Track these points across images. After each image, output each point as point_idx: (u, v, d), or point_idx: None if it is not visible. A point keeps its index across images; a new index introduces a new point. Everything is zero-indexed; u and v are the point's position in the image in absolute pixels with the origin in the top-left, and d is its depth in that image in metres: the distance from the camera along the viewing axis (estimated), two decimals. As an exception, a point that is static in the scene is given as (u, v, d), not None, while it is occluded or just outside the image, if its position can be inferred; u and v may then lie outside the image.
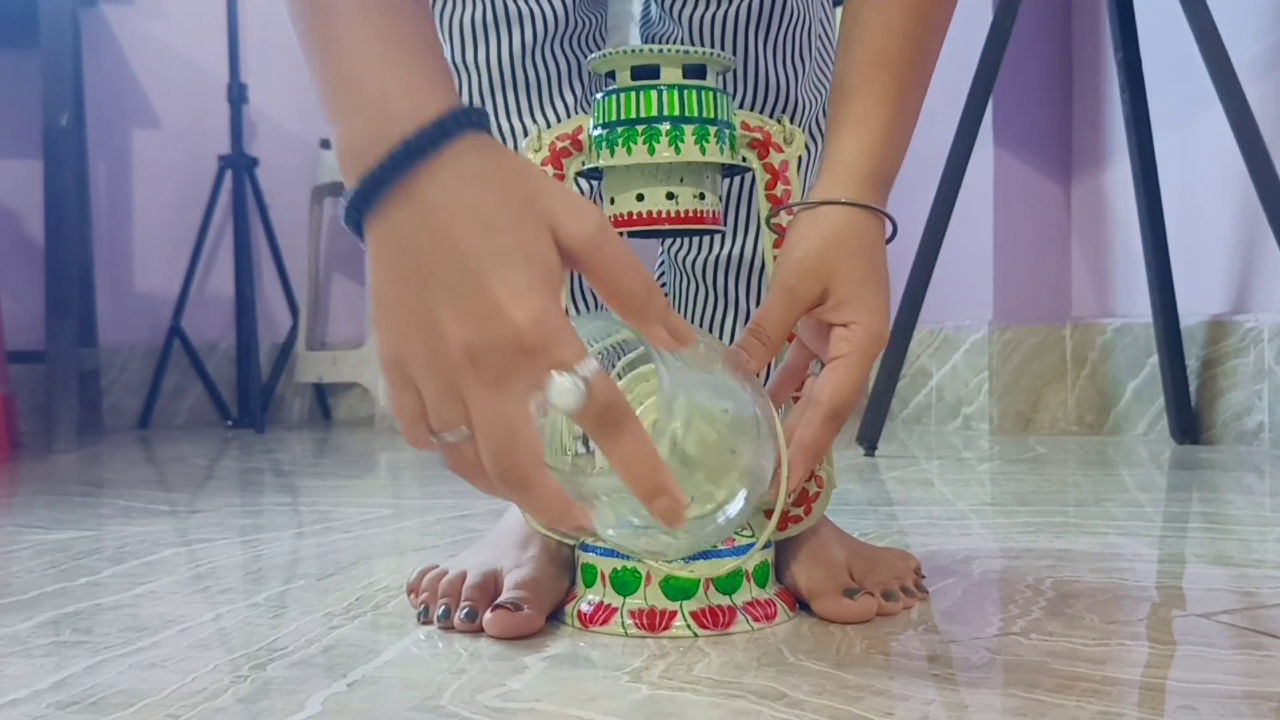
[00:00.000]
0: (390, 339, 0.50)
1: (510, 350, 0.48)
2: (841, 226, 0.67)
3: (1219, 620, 0.71)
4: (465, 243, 0.48)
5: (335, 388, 2.81)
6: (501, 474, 0.50)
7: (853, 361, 0.66)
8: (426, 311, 0.49)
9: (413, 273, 0.49)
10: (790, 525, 0.76)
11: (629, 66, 0.70)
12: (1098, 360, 2.04)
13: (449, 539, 1.08)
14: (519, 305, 0.48)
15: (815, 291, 0.67)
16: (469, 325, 0.48)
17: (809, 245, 0.67)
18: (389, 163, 0.49)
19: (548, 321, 0.48)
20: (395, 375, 0.51)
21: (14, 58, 2.54)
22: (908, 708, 0.56)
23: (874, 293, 0.67)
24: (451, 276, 0.48)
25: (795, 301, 0.67)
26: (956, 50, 2.08)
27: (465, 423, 0.50)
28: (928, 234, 1.75)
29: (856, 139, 0.69)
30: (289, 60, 2.77)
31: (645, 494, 0.51)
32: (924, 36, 0.69)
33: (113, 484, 1.59)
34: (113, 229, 2.69)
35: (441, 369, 0.49)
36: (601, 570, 0.72)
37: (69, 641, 0.72)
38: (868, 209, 0.68)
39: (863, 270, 0.67)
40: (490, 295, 0.48)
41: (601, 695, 0.59)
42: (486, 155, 0.50)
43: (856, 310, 0.67)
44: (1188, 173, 1.88)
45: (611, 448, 0.50)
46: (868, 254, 0.68)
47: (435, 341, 0.49)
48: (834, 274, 0.67)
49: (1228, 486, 1.33)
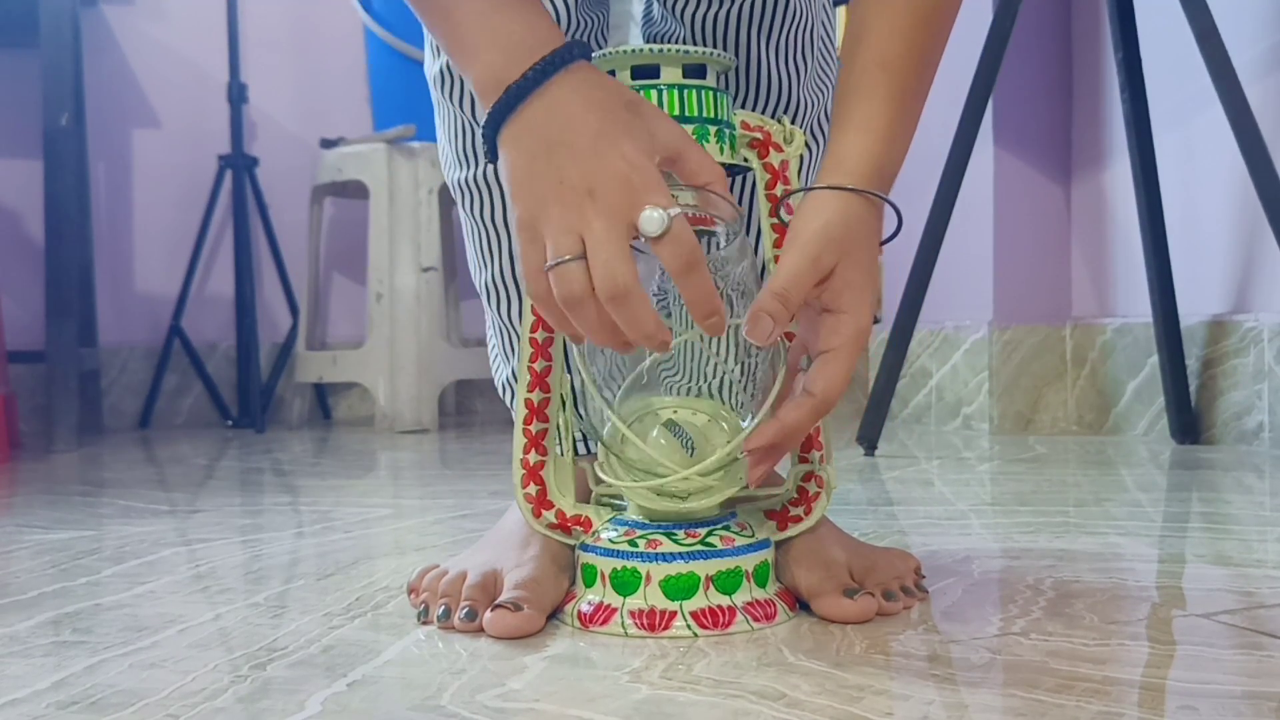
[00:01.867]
0: (524, 205, 0.63)
1: (620, 185, 0.61)
2: (854, 211, 0.69)
3: (1219, 620, 0.71)
4: (586, 123, 0.62)
5: (335, 388, 2.81)
6: (608, 287, 0.61)
7: (843, 355, 0.68)
8: (555, 171, 0.62)
9: (544, 150, 0.63)
10: (790, 525, 0.76)
11: (629, 66, 0.71)
12: (1098, 360, 2.04)
13: (449, 539, 1.08)
14: (629, 157, 0.62)
15: (833, 262, 0.68)
16: (590, 170, 0.62)
17: (830, 217, 0.68)
18: (527, 79, 0.63)
19: (649, 171, 0.62)
20: (526, 234, 0.63)
21: (14, 58, 2.54)
22: (908, 708, 0.56)
23: (869, 285, 0.69)
24: (577, 144, 0.62)
25: (818, 268, 0.67)
26: (956, 50, 2.08)
27: (581, 250, 0.61)
28: (928, 234, 1.75)
29: (860, 138, 0.70)
30: (289, 60, 2.77)
31: (702, 314, 0.62)
32: (927, 41, 0.72)
33: (113, 484, 1.59)
34: (113, 229, 2.69)
35: (565, 209, 0.62)
36: (601, 570, 0.72)
37: (69, 641, 0.72)
38: (876, 199, 0.70)
39: (868, 259, 0.69)
40: (607, 152, 0.62)
41: (601, 695, 0.59)
42: (595, 74, 0.65)
43: (852, 299, 0.68)
44: (1188, 173, 1.88)
45: (682, 279, 0.62)
46: (870, 244, 0.70)
47: (561, 190, 0.62)
48: (849, 252, 0.68)
49: (1228, 486, 1.33)
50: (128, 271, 2.70)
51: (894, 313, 1.82)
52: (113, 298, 2.68)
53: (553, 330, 0.76)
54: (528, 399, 0.76)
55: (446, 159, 0.89)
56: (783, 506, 0.77)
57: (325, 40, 2.78)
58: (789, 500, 0.77)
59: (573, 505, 0.77)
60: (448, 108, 0.86)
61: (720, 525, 0.73)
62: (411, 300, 2.42)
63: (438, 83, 0.86)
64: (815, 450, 0.77)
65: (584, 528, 0.76)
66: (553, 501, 0.77)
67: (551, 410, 0.77)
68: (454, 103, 0.85)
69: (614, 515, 0.75)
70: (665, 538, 0.72)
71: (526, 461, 0.77)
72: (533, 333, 0.76)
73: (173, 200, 2.70)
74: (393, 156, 2.42)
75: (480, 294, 0.90)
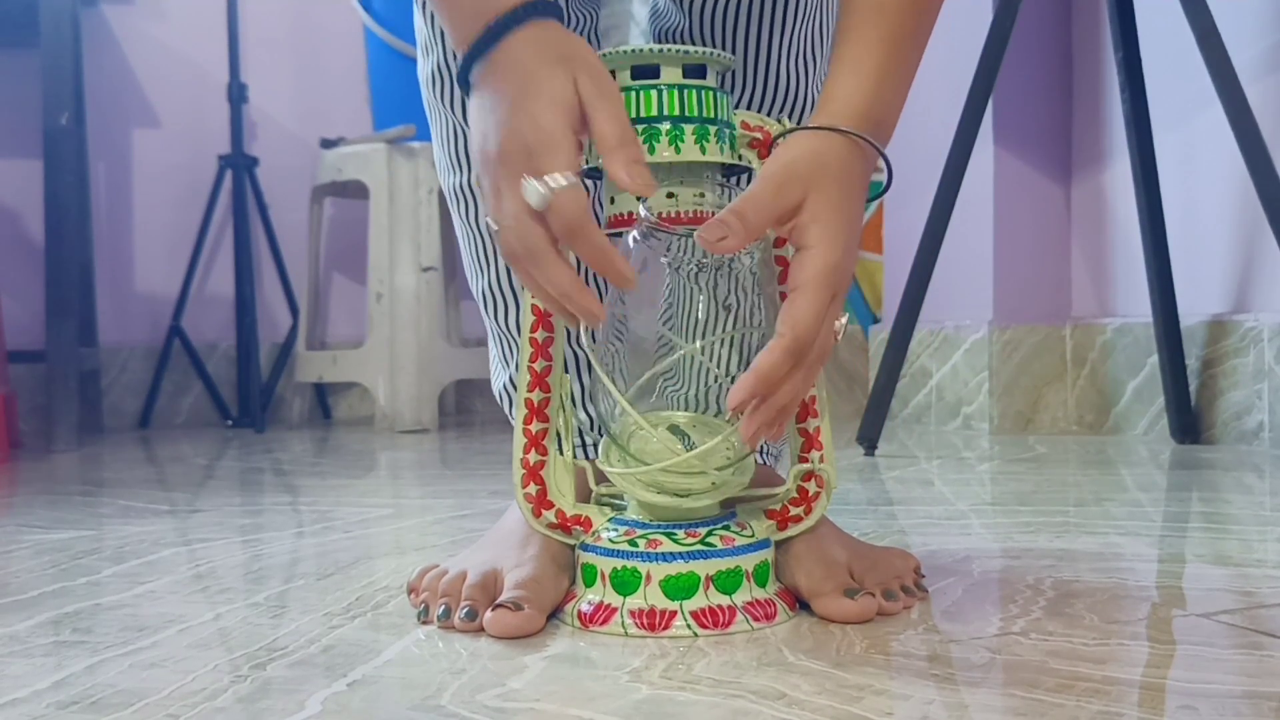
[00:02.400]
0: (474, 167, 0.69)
1: (520, 152, 0.64)
2: (829, 149, 0.68)
3: (1219, 620, 0.71)
4: (516, 84, 0.65)
5: (335, 388, 2.81)
6: (521, 252, 0.64)
7: (809, 291, 0.65)
8: (482, 136, 0.66)
9: (482, 111, 0.67)
10: (790, 525, 0.76)
11: (629, 66, 0.71)
12: (1098, 360, 2.04)
13: (449, 539, 1.08)
14: (535, 121, 0.63)
15: (797, 195, 0.67)
16: (504, 135, 0.64)
17: (798, 153, 0.68)
18: (486, 35, 0.66)
19: (551, 135, 0.63)
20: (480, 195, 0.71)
21: (14, 58, 2.54)
22: (908, 708, 0.56)
23: (841, 223, 0.67)
24: (500, 107, 0.65)
25: (780, 196, 0.67)
26: (956, 50, 2.09)
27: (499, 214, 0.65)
28: (928, 234, 1.75)
29: (849, 78, 0.70)
30: (289, 60, 2.77)
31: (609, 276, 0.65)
32: None
33: (113, 484, 1.59)
34: (113, 229, 2.69)
35: (487, 174, 0.66)
36: (601, 570, 0.72)
37: (69, 641, 0.72)
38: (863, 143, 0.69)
39: (838, 195, 0.68)
40: (519, 116, 0.64)
41: (601, 695, 0.59)
42: (546, 31, 0.66)
43: (819, 235, 0.66)
44: (1188, 173, 1.88)
45: (570, 244, 0.64)
46: (846, 182, 0.68)
47: (485, 155, 0.66)
48: (814, 186, 0.67)
49: (1228, 486, 1.33)
50: (128, 271, 2.70)
51: (894, 313, 1.82)
52: (113, 298, 2.68)
53: (553, 330, 0.76)
54: (528, 398, 0.76)
55: (440, 163, 0.89)
56: (783, 506, 0.77)
57: (325, 40, 2.78)
58: (789, 500, 0.77)
59: (573, 505, 0.77)
60: (440, 111, 0.86)
61: (720, 525, 0.73)
62: (411, 300, 2.42)
63: (430, 84, 0.86)
64: (815, 450, 0.77)
65: (584, 527, 0.76)
66: (553, 501, 0.77)
67: (551, 410, 0.77)
68: (445, 105, 0.85)
69: (614, 515, 0.75)
70: (665, 537, 0.72)
71: (526, 461, 0.77)
72: (533, 332, 0.76)
73: (173, 200, 2.70)
74: (393, 156, 2.42)
75: (477, 300, 0.90)
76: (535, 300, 0.74)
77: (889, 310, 2.36)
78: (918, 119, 2.31)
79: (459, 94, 0.84)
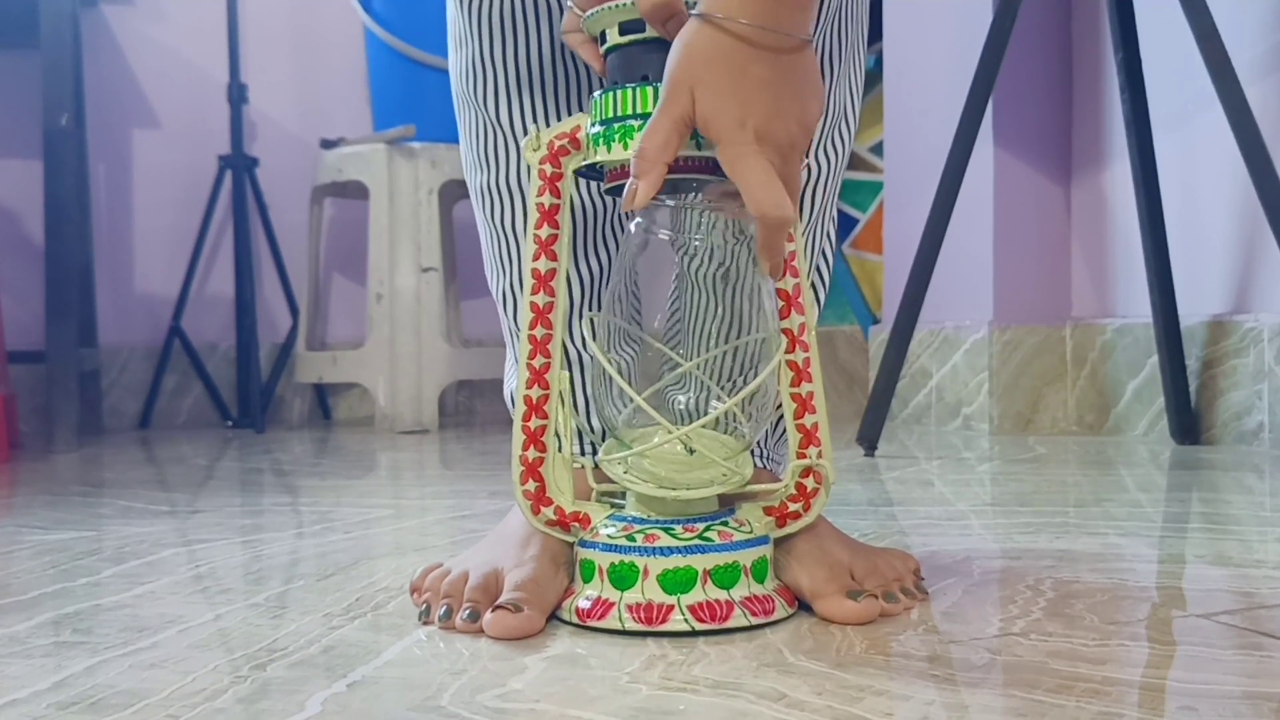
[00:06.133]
0: None
1: None
2: (705, 40, 0.66)
3: (1219, 620, 0.71)
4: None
5: (335, 388, 2.81)
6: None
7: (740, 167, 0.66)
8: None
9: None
10: (789, 522, 0.76)
11: (616, 23, 0.71)
12: (1098, 360, 2.04)
13: (449, 539, 1.08)
14: None
15: (684, 102, 0.66)
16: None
17: (673, 57, 0.67)
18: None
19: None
20: None
21: (14, 58, 2.54)
22: (908, 708, 0.56)
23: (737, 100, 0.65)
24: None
25: (671, 111, 0.66)
26: (956, 50, 2.09)
27: None
28: (928, 234, 1.75)
29: None
30: (289, 61, 2.77)
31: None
32: None
33: (113, 484, 1.59)
34: (113, 229, 2.69)
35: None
36: (599, 565, 0.72)
37: (69, 642, 0.72)
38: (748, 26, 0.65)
39: (731, 85, 0.65)
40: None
41: (601, 696, 0.59)
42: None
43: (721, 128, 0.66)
44: (1188, 173, 1.88)
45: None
46: (734, 70, 0.66)
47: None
48: (700, 81, 0.66)
49: (1228, 486, 1.33)
50: (128, 271, 2.70)
51: (894, 313, 1.82)
52: (113, 298, 2.68)
53: (551, 327, 0.76)
54: (526, 395, 0.76)
55: (467, 161, 0.87)
56: (781, 503, 0.77)
57: (325, 40, 2.78)
58: (787, 496, 0.77)
59: (571, 502, 0.77)
60: (471, 108, 0.85)
61: (719, 521, 0.73)
62: (411, 300, 2.42)
63: (463, 77, 0.84)
64: (813, 446, 0.77)
65: (583, 524, 0.76)
66: (551, 498, 0.76)
67: (550, 407, 0.77)
68: (478, 102, 0.83)
69: (613, 511, 0.75)
70: (663, 532, 0.72)
71: (525, 458, 0.77)
72: (531, 329, 0.76)
73: (173, 200, 2.70)
74: (393, 157, 2.42)
75: (496, 301, 0.89)
76: (535, 298, 0.74)
77: (889, 310, 2.36)
78: (918, 119, 2.31)
79: (490, 91, 0.83)
